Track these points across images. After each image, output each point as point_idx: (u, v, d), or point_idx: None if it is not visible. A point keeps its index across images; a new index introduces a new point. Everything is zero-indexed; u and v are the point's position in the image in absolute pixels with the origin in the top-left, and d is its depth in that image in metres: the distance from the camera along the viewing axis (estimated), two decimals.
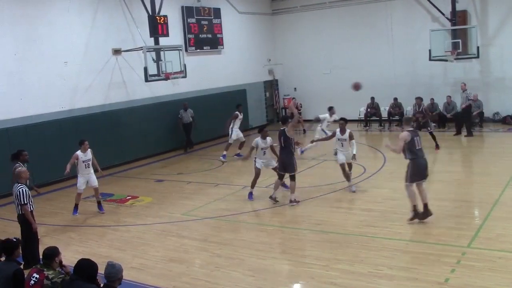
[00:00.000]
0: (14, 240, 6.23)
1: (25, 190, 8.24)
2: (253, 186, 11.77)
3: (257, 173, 11.77)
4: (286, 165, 10.88)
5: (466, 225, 9.04)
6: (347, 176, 11.79)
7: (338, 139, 11.89)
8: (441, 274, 7.12)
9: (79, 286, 5.28)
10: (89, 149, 11.34)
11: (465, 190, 11.67)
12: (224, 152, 16.16)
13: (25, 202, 8.21)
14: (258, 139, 11.75)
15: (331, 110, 15.97)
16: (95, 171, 11.56)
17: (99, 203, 11.59)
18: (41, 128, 14.38)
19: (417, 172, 9.18)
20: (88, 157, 11.34)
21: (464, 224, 9.13)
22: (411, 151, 9.10)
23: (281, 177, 11.19)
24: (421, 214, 9.19)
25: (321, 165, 14.70)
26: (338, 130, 11.92)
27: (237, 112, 16.88)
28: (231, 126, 16.63)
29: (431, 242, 8.31)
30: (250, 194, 11.75)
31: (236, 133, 16.64)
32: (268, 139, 11.69)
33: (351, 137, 11.73)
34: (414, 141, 9.11)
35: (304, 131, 20.79)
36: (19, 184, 8.34)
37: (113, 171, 15.98)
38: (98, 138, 15.69)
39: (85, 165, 11.29)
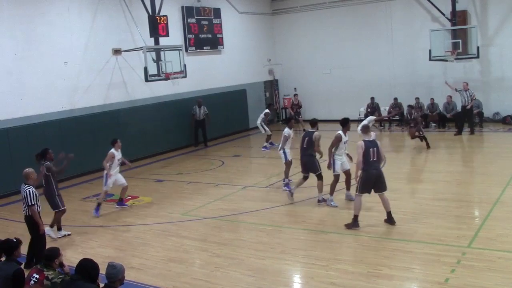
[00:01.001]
0: (14, 240, 6.23)
1: (33, 191, 8.21)
2: (287, 176, 12.24)
3: (290, 163, 12.23)
4: (308, 166, 10.81)
5: (466, 225, 9.03)
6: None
7: (344, 142, 10.79)
8: (441, 274, 7.12)
9: (80, 286, 5.28)
10: None
11: (465, 190, 11.67)
12: (265, 144, 17.55)
13: (33, 203, 8.17)
14: (288, 129, 12.15)
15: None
16: (122, 164, 11.78)
17: (99, 205, 11.49)
18: (41, 128, 14.37)
19: (366, 183, 9.04)
20: (120, 155, 11.55)
21: (464, 224, 9.13)
22: (365, 161, 8.92)
23: (305, 178, 11.03)
24: (387, 220, 9.24)
25: (321, 165, 14.66)
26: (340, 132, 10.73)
27: (268, 111, 18.32)
28: (259, 121, 17.93)
29: (431, 242, 8.31)
30: (287, 185, 12.06)
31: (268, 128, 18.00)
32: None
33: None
34: (369, 151, 8.91)
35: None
36: (26, 185, 8.30)
37: None
38: (98, 138, 15.72)
39: (119, 163, 11.53)
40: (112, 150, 11.47)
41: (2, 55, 13.80)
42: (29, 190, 8.21)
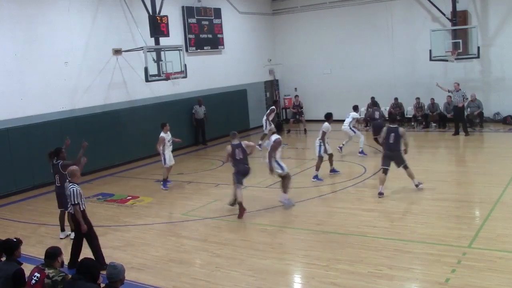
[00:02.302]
0: (15, 240, 6.23)
1: (77, 190, 8.11)
2: (318, 169, 12.94)
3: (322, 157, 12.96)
4: (398, 159, 11.29)
5: (467, 225, 9.03)
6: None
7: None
8: (442, 274, 7.12)
9: (81, 286, 5.29)
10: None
11: (466, 190, 11.67)
12: (260, 142, 17.19)
13: (77, 202, 8.08)
14: (327, 124, 12.84)
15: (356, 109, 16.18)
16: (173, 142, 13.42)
17: (165, 180, 13.22)
18: (42, 129, 14.38)
19: (239, 175, 10.64)
20: (170, 136, 13.22)
21: (464, 224, 9.12)
22: (233, 160, 10.65)
23: (385, 171, 11.31)
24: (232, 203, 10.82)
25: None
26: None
27: (273, 107, 18.25)
28: (265, 118, 17.92)
29: (432, 242, 8.31)
30: (316, 176, 12.90)
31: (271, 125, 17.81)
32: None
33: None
34: (235, 152, 10.49)
35: (305, 130, 20.81)
36: (72, 183, 8.17)
37: (114, 171, 15.99)
38: (98, 138, 15.74)
39: (169, 143, 13.26)
40: (162, 133, 13.14)
41: (3, 55, 13.80)
42: (74, 189, 8.10)
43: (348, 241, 8.67)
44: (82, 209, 8.18)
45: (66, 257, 6.86)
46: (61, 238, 9.95)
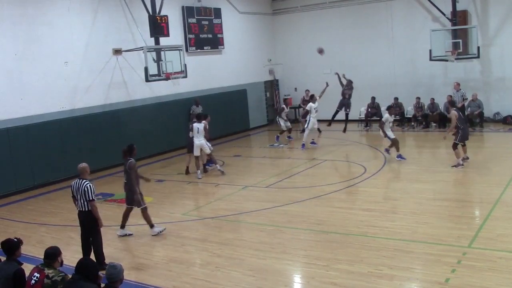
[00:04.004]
0: (15, 240, 6.22)
1: (91, 186, 8.08)
2: (398, 149, 14.32)
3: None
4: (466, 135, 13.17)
5: (467, 225, 9.03)
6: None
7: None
8: (442, 274, 7.12)
9: (81, 286, 5.29)
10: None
11: (466, 190, 11.67)
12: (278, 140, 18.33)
13: (93, 198, 8.05)
14: (387, 115, 14.40)
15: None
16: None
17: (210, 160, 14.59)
18: (42, 128, 14.39)
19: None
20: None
21: (464, 224, 9.12)
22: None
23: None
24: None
25: (321, 165, 14.69)
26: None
27: (283, 106, 18.86)
28: (277, 117, 18.74)
29: (432, 242, 8.30)
30: (400, 156, 14.36)
31: (284, 122, 18.59)
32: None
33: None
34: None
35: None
36: (85, 180, 8.11)
37: (114, 171, 15.97)
38: (98, 138, 15.75)
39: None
40: (205, 122, 14.30)
41: (3, 55, 13.80)
42: (89, 185, 8.05)
43: (348, 241, 8.67)
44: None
45: (66, 258, 6.85)
46: (118, 236, 9.89)
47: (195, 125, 14.17)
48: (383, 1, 21.33)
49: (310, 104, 17.10)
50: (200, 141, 14.14)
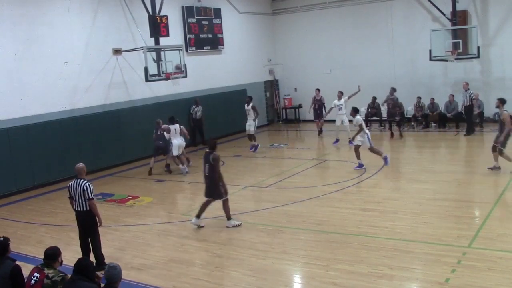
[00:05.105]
0: (1, 238, 6.17)
1: (90, 185, 8.05)
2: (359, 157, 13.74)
3: None
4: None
5: (467, 225, 9.03)
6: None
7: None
8: (442, 274, 7.12)
9: (81, 286, 5.28)
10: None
11: (466, 190, 11.66)
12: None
13: (92, 197, 8.02)
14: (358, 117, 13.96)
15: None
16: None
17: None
18: (42, 128, 14.38)
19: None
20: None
21: (464, 224, 9.12)
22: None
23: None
24: None
25: (321, 165, 14.69)
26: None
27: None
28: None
29: (432, 242, 8.30)
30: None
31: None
32: None
33: None
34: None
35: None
36: (83, 180, 8.07)
37: (114, 171, 15.99)
38: (98, 138, 15.75)
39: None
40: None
41: (3, 55, 13.79)
42: (88, 184, 8.03)
43: (348, 241, 8.67)
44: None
45: (66, 258, 6.85)
46: (196, 225, 9.92)
47: (172, 126, 14.60)
48: (383, 1, 21.34)
49: (334, 101, 17.49)
50: (178, 141, 14.61)
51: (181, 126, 14.91)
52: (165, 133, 14.70)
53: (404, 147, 17.44)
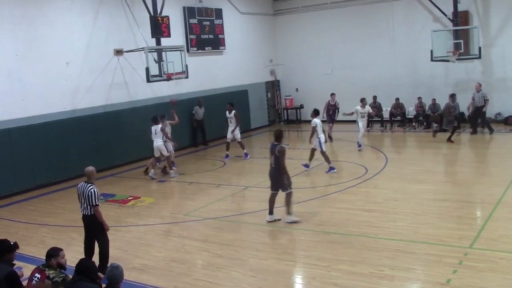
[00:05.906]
0: (11, 243, 6.12)
1: (96, 191, 7.97)
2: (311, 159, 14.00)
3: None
4: None
5: (468, 226, 9.02)
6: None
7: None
8: (443, 274, 7.11)
9: (82, 287, 5.29)
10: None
11: (467, 190, 11.64)
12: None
13: (97, 203, 7.97)
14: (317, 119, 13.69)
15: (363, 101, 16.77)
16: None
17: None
18: (43, 129, 14.39)
19: None
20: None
21: (466, 224, 9.12)
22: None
23: None
24: None
25: (322, 166, 14.66)
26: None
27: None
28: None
29: (433, 243, 8.30)
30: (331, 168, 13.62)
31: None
32: None
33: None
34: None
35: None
36: (90, 184, 8.02)
37: (115, 171, 16.00)
38: (99, 139, 15.75)
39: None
40: (164, 123, 14.57)
41: (4, 55, 13.80)
42: (94, 190, 7.96)
43: (349, 242, 8.67)
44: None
45: (68, 258, 6.85)
46: (268, 222, 9.93)
47: (153, 127, 14.45)
48: (384, 1, 21.34)
49: (357, 107, 16.66)
50: (157, 143, 14.41)
51: (167, 127, 14.69)
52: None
53: (405, 147, 17.44)
